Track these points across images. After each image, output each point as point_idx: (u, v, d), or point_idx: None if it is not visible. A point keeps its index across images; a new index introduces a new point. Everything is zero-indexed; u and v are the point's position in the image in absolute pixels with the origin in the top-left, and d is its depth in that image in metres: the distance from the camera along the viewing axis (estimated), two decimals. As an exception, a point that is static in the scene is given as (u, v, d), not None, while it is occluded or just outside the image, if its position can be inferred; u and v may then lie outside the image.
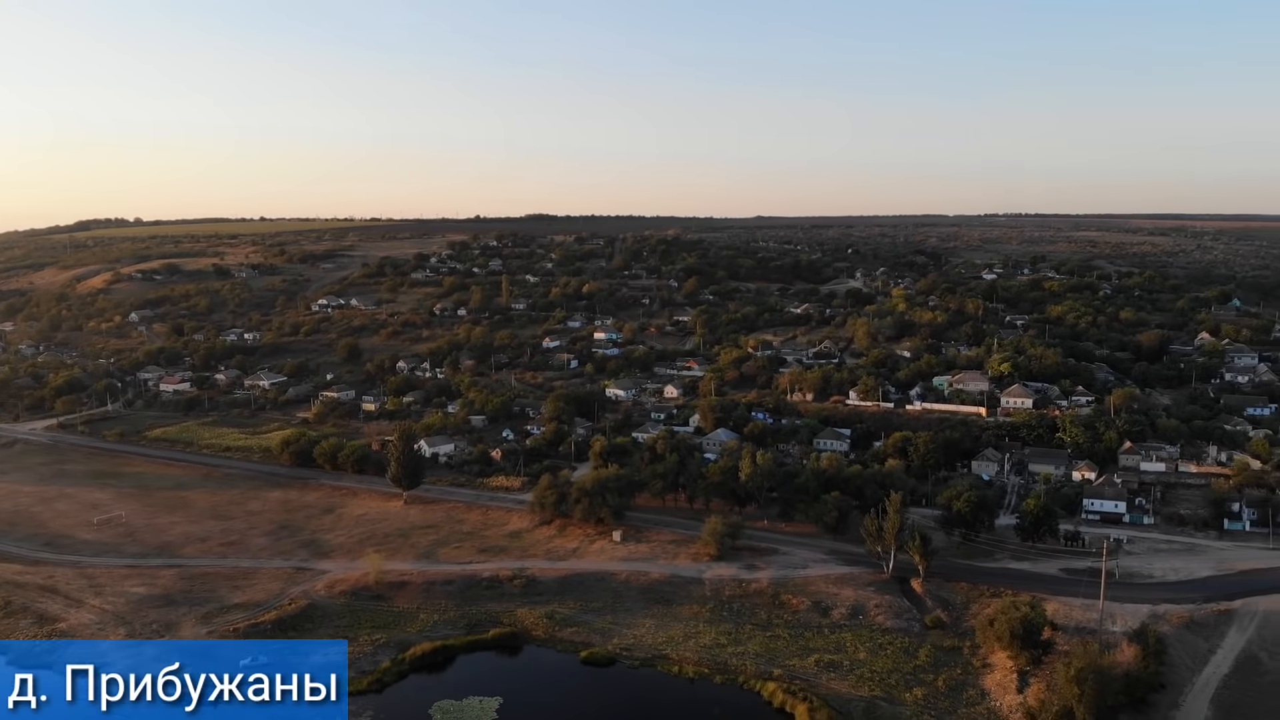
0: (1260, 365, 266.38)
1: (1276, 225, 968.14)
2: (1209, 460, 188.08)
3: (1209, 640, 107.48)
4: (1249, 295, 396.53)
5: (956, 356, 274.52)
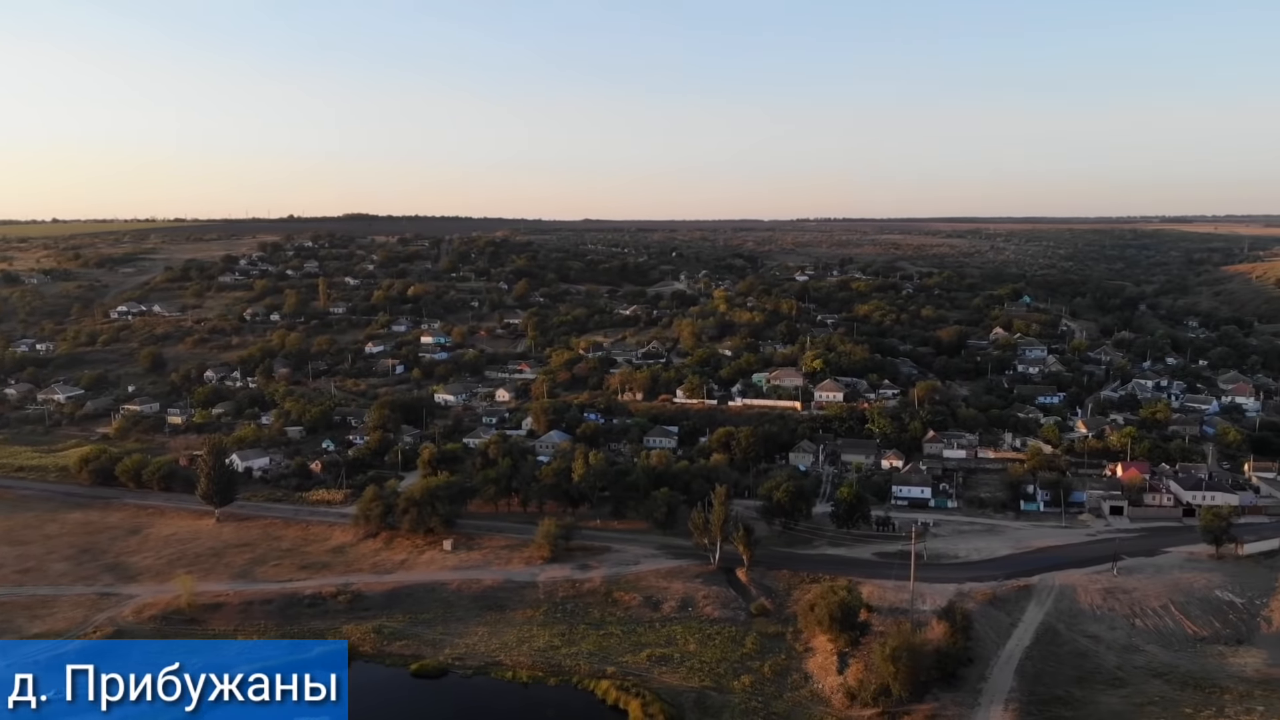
0: (1049, 357, 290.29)
1: (1062, 227, 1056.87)
2: (1005, 446, 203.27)
3: (1011, 615, 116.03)
4: (1038, 292, 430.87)
5: (774, 354, 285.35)
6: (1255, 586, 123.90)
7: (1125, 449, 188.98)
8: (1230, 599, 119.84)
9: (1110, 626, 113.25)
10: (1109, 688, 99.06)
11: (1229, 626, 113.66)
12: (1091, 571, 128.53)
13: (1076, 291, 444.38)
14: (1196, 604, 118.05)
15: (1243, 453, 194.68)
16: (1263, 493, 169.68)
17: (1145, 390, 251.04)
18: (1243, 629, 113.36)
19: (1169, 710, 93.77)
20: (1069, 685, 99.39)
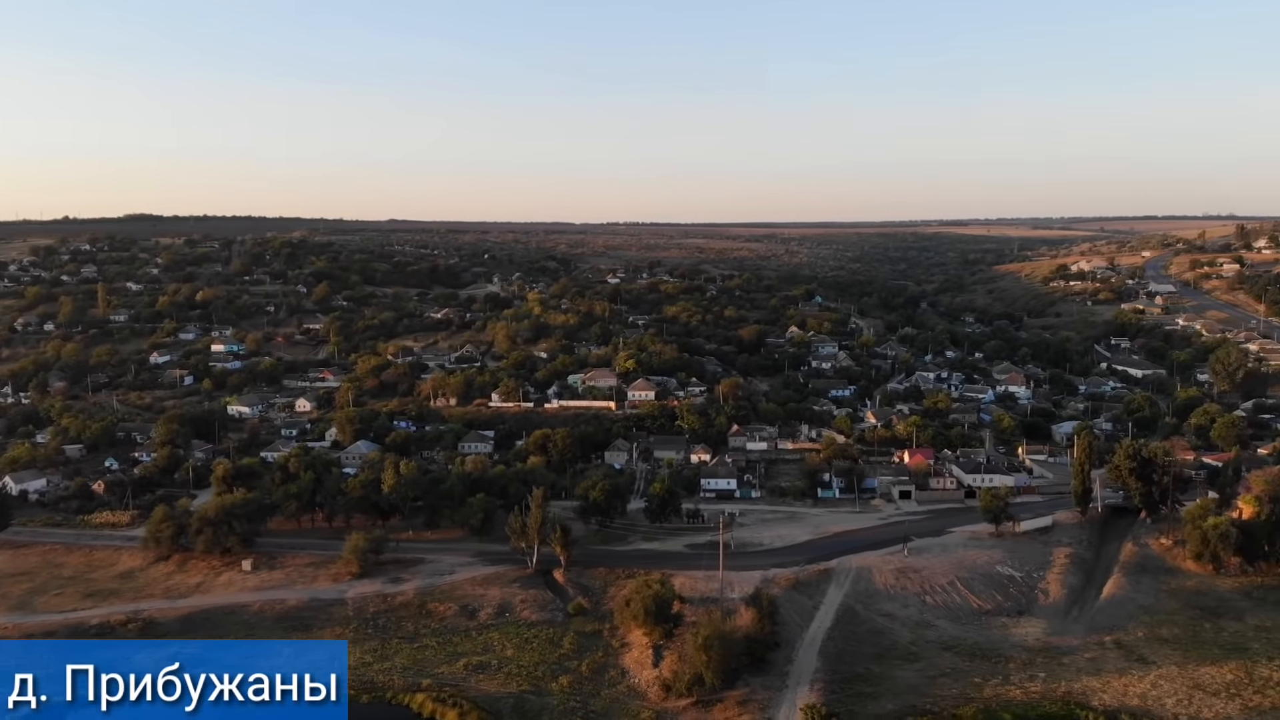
0: (840, 353, 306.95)
1: (850, 231, 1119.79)
2: (803, 437, 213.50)
3: (813, 598, 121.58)
4: (829, 292, 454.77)
5: (588, 355, 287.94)
6: (1032, 561, 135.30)
7: (911, 437, 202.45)
8: (1011, 574, 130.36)
9: (904, 604, 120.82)
10: (905, 662, 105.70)
11: (1010, 599, 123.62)
12: (885, 553, 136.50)
13: (864, 291, 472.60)
14: (980, 580, 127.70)
15: (1016, 437, 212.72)
16: (1035, 474, 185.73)
17: (928, 382, 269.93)
18: (1023, 601, 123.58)
19: (960, 681, 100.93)
20: (868, 662, 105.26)
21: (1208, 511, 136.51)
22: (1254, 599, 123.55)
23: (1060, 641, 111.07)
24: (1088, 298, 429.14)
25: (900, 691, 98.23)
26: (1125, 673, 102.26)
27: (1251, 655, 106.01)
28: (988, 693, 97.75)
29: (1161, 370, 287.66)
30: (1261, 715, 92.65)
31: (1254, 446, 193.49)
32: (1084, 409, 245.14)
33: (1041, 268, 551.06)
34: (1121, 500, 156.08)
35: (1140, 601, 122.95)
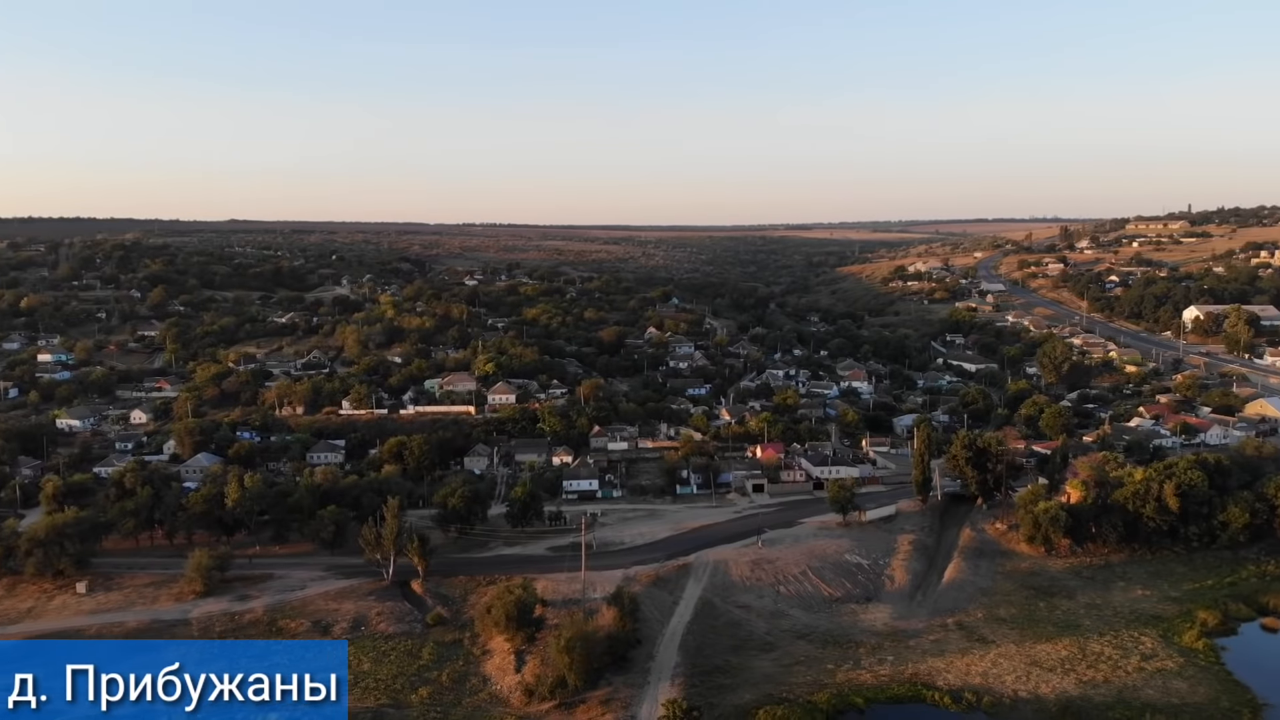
0: (696, 353, 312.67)
1: (703, 234, 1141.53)
2: (662, 436, 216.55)
3: (673, 593, 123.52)
4: (685, 294, 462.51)
5: (445, 359, 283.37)
6: (878, 549, 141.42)
7: (763, 432, 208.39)
8: (858, 561, 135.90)
9: (759, 596, 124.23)
10: (761, 652, 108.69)
11: (859, 586, 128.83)
12: (740, 546, 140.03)
13: (717, 293, 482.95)
14: (831, 568, 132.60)
15: (860, 430, 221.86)
16: (879, 465, 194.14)
17: (777, 379, 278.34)
18: (870, 588, 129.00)
19: (813, 667, 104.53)
20: (727, 654, 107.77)
21: (1038, 497, 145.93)
22: (1083, 578, 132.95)
23: (906, 625, 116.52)
24: (924, 297, 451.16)
25: (757, 681, 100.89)
26: (967, 652, 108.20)
27: (1083, 632, 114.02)
28: (840, 678, 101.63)
29: (993, 364, 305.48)
30: (1094, 688, 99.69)
31: (1079, 435, 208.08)
32: (923, 402, 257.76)
33: (881, 269, 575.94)
34: (959, 488, 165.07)
35: (979, 584, 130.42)
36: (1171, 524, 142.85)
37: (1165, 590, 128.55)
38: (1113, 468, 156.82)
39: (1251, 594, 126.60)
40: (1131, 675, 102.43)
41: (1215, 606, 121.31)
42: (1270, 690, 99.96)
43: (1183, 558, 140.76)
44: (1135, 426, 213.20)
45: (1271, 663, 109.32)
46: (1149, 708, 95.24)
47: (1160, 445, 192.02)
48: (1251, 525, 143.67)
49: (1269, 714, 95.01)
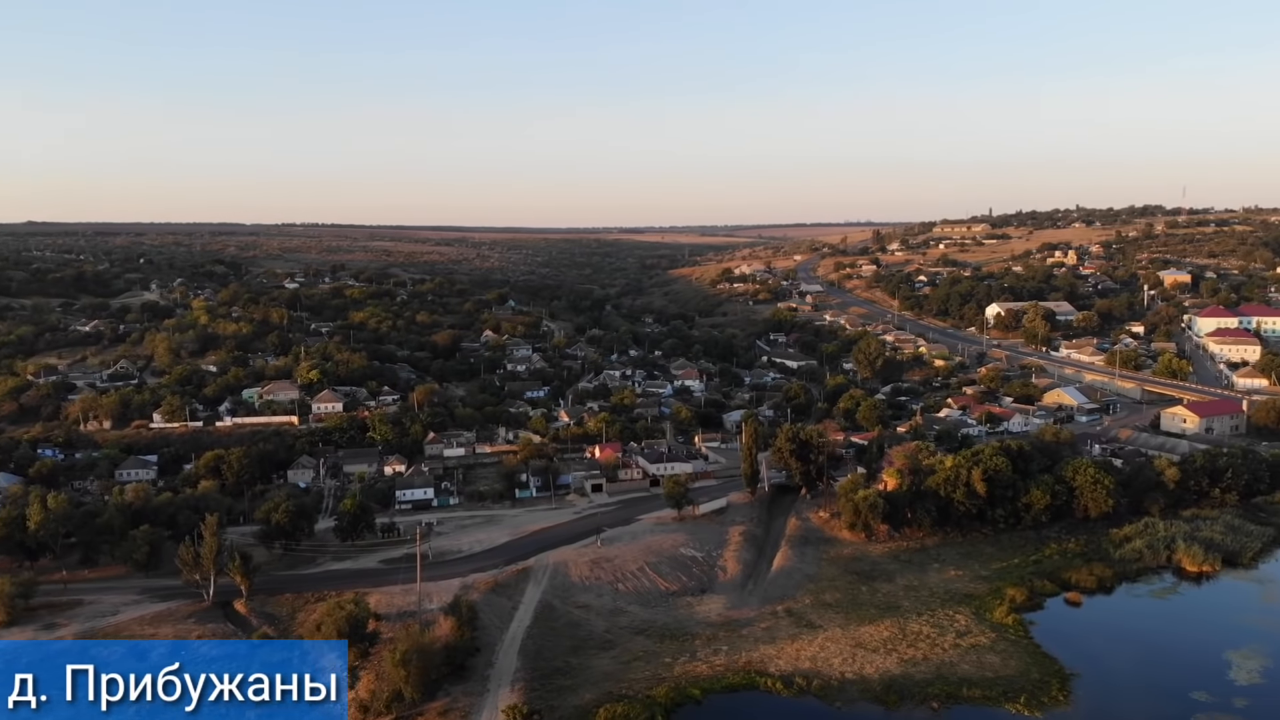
0: (534, 355, 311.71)
1: (538, 237, 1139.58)
2: (500, 440, 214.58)
3: (512, 599, 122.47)
4: (521, 296, 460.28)
5: (265, 367, 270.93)
6: (711, 541, 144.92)
7: (601, 432, 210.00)
8: (693, 554, 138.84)
9: (598, 594, 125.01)
10: (600, 650, 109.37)
11: (694, 579, 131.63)
12: (580, 546, 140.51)
13: (554, 295, 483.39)
14: (667, 562, 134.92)
15: (693, 427, 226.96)
16: (711, 460, 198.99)
17: (614, 379, 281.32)
18: (705, 580, 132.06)
19: (652, 662, 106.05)
20: (566, 655, 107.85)
21: (858, 485, 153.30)
22: (901, 561, 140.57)
23: (739, 615, 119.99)
24: (750, 298, 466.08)
25: (597, 680, 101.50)
26: (797, 638, 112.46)
27: (902, 613, 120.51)
28: (678, 671, 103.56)
29: (814, 361, 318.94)
30: (915, 666, 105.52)
31: (893, 425, 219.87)
32: (750, 398, 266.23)
33: (709, 271, 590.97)
34: (785, 479, 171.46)
35: (806, 571, 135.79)
36: (980, 507, 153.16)
37: (976, 570, 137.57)
38: (925, 456, 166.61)
39: (1054, 570, 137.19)
40: (948, 652, 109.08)
41: (1022, 584, 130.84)
42: (1076, 660, 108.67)
43: (991, 539, 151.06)
44: (944, 417, 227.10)
45: (1075, 634, 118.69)
46: (965, 682, 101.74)
47: (968, 434, 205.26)
48: (1052, 506, 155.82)
49: (1076, 683, 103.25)
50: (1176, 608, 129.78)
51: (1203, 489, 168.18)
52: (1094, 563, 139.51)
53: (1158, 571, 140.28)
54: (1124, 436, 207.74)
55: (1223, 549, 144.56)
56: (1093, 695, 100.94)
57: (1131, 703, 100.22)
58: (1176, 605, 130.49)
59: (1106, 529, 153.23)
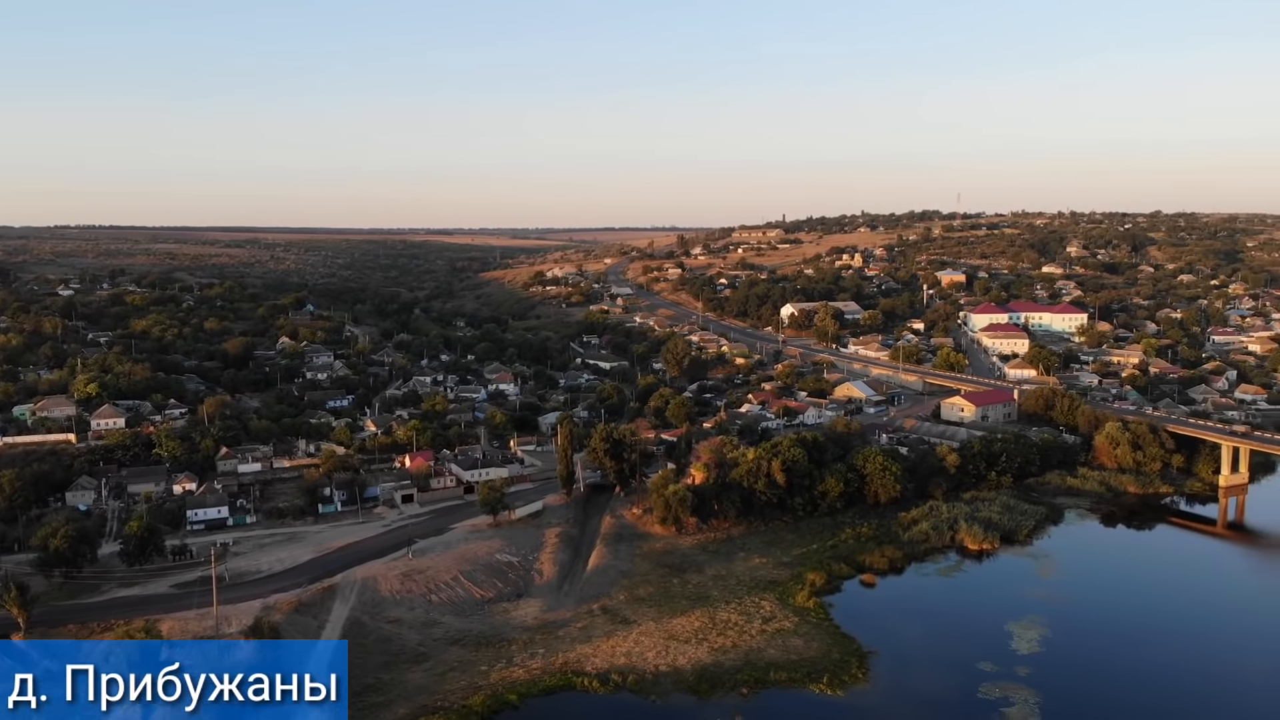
0: (336, 363, 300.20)
1: (339, 237, 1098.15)
2: (301, 453, 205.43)
3: (318, 618, 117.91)
4: (321, 300, 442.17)
5: (38, 381, 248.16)
6: (528, 545, 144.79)
7: (411, 441, 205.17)
8: (509, 559, 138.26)
9: (410, 608, 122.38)
10: (414, 664, 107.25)
11: (510, 585, 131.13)
12: (390, 559, 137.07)
13: (357, 299, 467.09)
14: (482, 570, 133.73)
15: (508, 431, 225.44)
16: (527, 463, 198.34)
17: (425, 386, 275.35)
18: (521, 584, 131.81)
19: (468, 671, 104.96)
20: (379, 671, 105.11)
21: (668, 481, 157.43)
22: (709, 552, 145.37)
23: (556, 616, 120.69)
24: (562, 301, 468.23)
25: (411, 694, 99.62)
26: (612, 635, 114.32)
27: (712, 602, 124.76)
28: (494, 678, 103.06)
29: (625, 362, 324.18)
30: (725, 654, 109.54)
31: (700, 422, 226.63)
32: (564, 400, 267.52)
33: (522, 274, 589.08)
34: (600, 478, 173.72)
35: (620, 568, 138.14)
36: (781, 496, 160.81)
37: (779, 557, 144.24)
38: (729, 450, 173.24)
39: (850, 554, 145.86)
40: (756, 638, 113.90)
41: (821, 568, 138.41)
42: (872, 638, 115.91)
43: (791, 526, 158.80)
44: (746, 412, 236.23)
45: (871, 614, 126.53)
46: (772, 666, 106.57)
47: (767, 427, 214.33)
48: (846, 493, 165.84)
49: (873, 660, 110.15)
50: (961, 584, 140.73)
51: (981, 472, 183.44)
52: (885, 545, 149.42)
53: (943, 551, 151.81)
54: (908, 426, 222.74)
55: (1000, 528, 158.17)
56: (889, 671, 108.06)
57: (924, 676, 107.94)
58: (961, 582, 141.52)
59: (896, 513, 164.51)
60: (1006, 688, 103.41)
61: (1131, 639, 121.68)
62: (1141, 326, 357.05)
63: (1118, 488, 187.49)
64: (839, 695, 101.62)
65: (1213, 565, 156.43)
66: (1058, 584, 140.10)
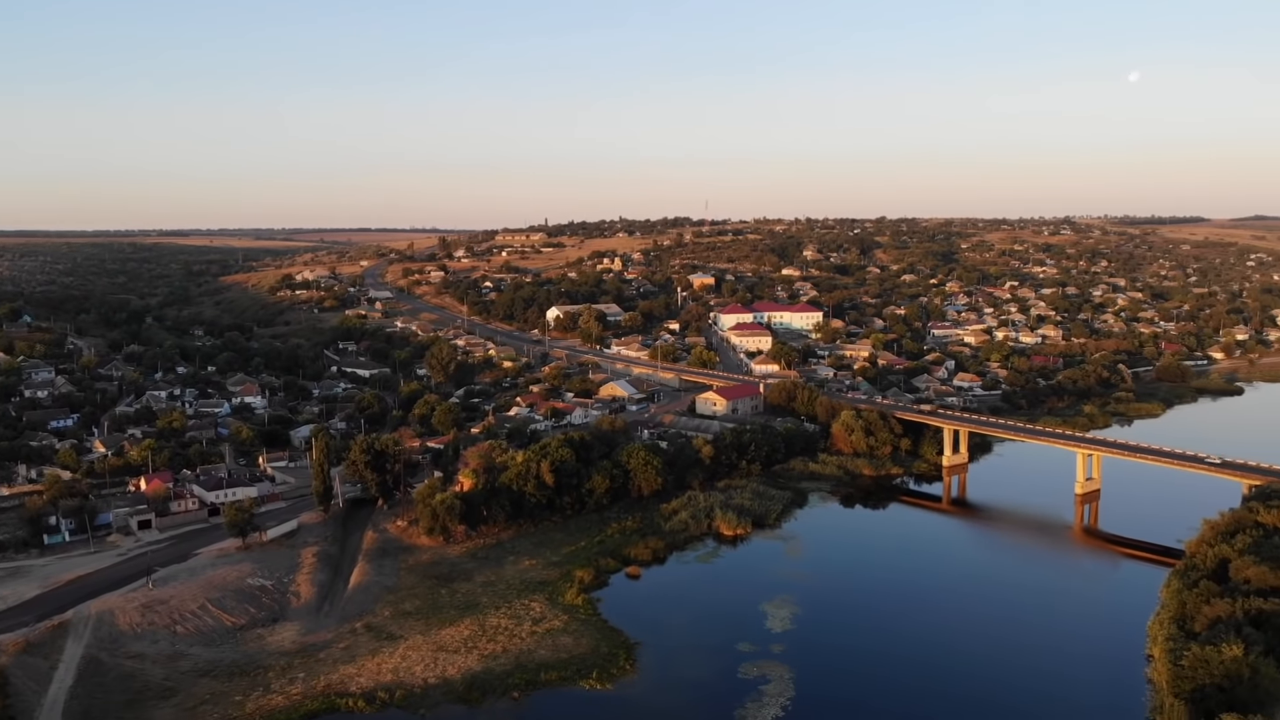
0: (58, 378, 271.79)
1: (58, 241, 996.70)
2: (20, 480, 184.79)
3: (49, 658, 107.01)
4: (39, 310, 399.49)
5: None
6: (282, 567, 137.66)
7: (147, 462, 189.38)
8: (263, 583, 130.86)
9: (153, 641, 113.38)
10: (160, 700, 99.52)
11: (264, 609, 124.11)
12: (128, 591, 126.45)
13: (81, 308, 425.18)
14: (232, 596, 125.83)
15: (256, 447, 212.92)
16: (278, 480, 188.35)
17: (160, 401, 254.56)
18: (276, 608, 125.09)
19: (221, 703, 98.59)
20: (120, 711, 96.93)
21: (435, 490, 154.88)
22: (478, 559, 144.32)
23: (316, 639, 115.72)
24: (315, 305, 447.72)
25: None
26: (378, 653, 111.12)
27: (482, 610, 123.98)
28: (250, 708, 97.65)
29: (387, 369, 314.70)
30: (496, 660, 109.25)
31: (468, 427, 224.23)
32: (319, 411, 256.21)
33: (268, 278, 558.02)
34: (361, 492, 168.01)
35: (385, 583, 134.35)
36: (550, 497, 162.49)
37: (549, 557, 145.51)
38: (498, 454, 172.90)
39: (616, 548, 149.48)
40: (526, 640, 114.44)
41: (589, 564, 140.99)
42: (638, 630, 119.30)
43: (560, 525, 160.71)
44: (515, 415, 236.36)
45: (637, 606, 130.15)
46: (543, 667, 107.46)
47: (536, 429, 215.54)
48: (612, 489, 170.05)
49: (640, 651, 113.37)
50: (719, 570, 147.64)
51: (733, 462, 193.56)
52: (649, 537, 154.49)
53: (702, 538, 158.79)
54: (667, 421, 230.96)
55: (752, 513, 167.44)
56: (655, 660, 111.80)
57: (688, 662, 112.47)
58: (719, 567, 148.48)
59: (658, 504, 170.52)
60: (764, 666, 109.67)
61: (871, 608, 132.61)
62: (870, 323, 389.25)
63: (854, 471, 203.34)
64: (608, 689, 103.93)
65: (939, 537, 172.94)
66: (805, 563, 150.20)
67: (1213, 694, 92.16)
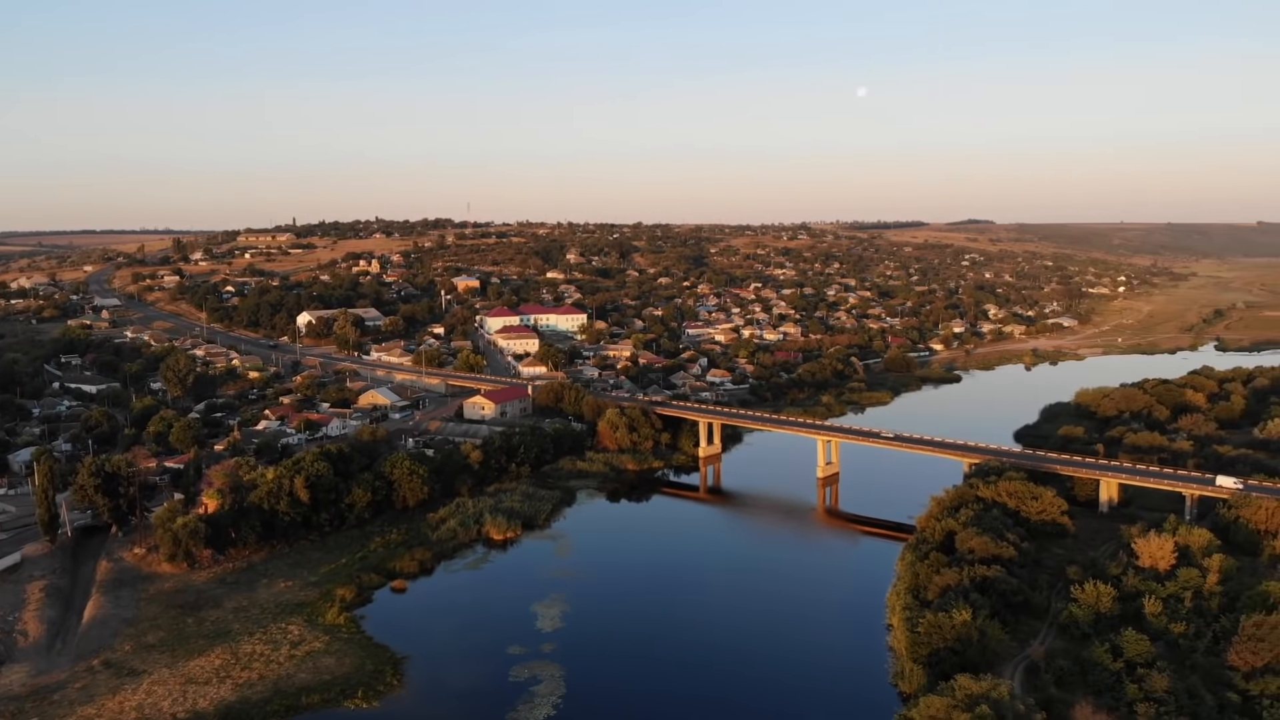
0: None
1: None
2: None
3: None
4: None
5: None
6: (6, 604, 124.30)
7: None
8: None
9: None
10: None
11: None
12: None
13: None
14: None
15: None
16: None
17: None
18: (1, 650, 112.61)
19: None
20: None
21: (175, 513, 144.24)
22: (228, 584, 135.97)
23: (49, 680, 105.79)
24: (32, 315, 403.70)
25: None
26: (119, 690, 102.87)
27: (234, 637, 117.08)
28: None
29: (116, 383, 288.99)
30: (251, 688, 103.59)
31: (211, 444, 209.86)
32: (41, 432, 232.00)
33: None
34: (92, 519, 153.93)
35: (123, 616, 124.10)
36: (305, 514, 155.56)
37: (306, 577, 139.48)
38: (246, 472, 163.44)
39: (380, 562, 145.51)
40: (285, 665, 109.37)
41: (351, 581, 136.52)
42: (405, 644, 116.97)
43: (318, 543, 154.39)
44: (263, 429, 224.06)
45: (403, 620, 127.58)
46: (304, 690, 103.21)
47: (288, 443, 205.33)
48: (374, 502, 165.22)
49: (407, 665, 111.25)
50: (488, 575, 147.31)
51: (503, 465, 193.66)
52: (415, 548, 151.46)
53: (471, 545, 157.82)
54: (434, 428, 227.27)
55: (522, 515, 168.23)
56: (423, 673, 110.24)
57: (458, 670, 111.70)
58: (488, 573, 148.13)
59: (425, 514, 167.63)
60: (535, 667, 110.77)
61: (638, 597, 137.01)
62: (631, 324, 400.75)
63: (619, 466, 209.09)
64: (374, 707, 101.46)
65: (697, 524, 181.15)
66: (574, 561, 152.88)
67: (947, 657, 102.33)
